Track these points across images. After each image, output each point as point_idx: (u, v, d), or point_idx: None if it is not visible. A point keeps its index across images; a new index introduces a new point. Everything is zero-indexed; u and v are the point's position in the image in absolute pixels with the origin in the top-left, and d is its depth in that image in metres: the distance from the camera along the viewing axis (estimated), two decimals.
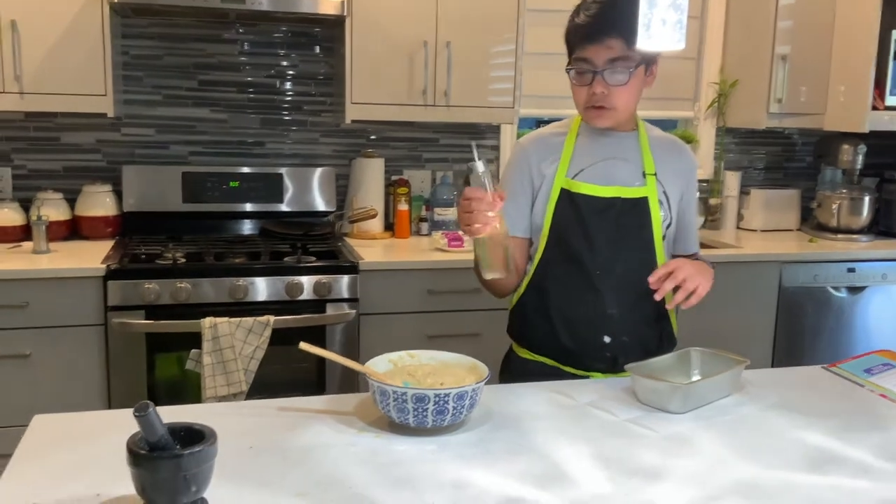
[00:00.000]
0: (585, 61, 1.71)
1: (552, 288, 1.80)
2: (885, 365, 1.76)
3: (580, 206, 1.76)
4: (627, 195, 1.77)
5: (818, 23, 3.61)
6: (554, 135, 1.86)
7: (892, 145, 4.15)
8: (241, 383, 2.68)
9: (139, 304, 2.68)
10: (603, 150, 1.81)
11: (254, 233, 3.35)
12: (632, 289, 1.75)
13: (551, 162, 1.81)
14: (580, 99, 1.76)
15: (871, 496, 1.21)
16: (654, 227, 1.78)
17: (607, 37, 1.67)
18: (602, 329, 1.78)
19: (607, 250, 1.76)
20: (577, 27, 1.73)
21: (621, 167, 1.79)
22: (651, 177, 1.79)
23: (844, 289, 3.50)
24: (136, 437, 1.07)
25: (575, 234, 1.77)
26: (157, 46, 3.24)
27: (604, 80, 1.70)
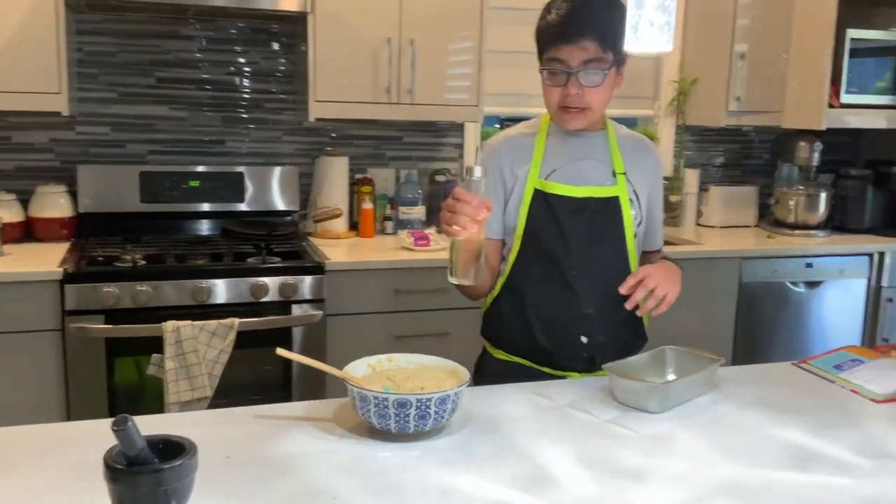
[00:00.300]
0: (559, 62, 1.70)
1: (528, 289, 1.80)
2: (854, 361, 1.79)
3: (554, 206, 1.76)
4: (600, 195, 1.78)
5: (775, 21, 3.67)
6: (523, 135, 1.85)
7: (847, 142, 4.24)
8: (205, 388, 2.62)
9: (98, 309, 2.60)
10: (574, 151, 1.81)
11: (214, 233, 3.28)
12: (607, 288, 1.75)
13: (523, 163, 1.81)
14: (553, 100, 1.75)
15: (854, 494, 1.23)
16: (626, 225, 1.80)
17: (582, 38, 1.66)
18: (579, 329, 1.78)
19: (582, 250, 1.76)
20: (550, 26, 1.71)
21: (592, 167, 1.80)
22: (621, 176, 1.80)
23: (802, 283, 3.56)
24: (112, 452, 1.03)
25: (550, 235, 1.77)
26: (112, 43, 3.16)
27: (578, 82, 1.69)
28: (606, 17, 1.66)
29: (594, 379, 1.71)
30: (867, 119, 3.65)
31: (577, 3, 1.69)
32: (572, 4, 1.69)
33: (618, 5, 1.70)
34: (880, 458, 1.36)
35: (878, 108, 3.69)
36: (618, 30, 1.64)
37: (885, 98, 3.72)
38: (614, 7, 1.69)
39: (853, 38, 3.58)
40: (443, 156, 3.61)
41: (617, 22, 1.66)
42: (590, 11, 1.66)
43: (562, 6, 1.70)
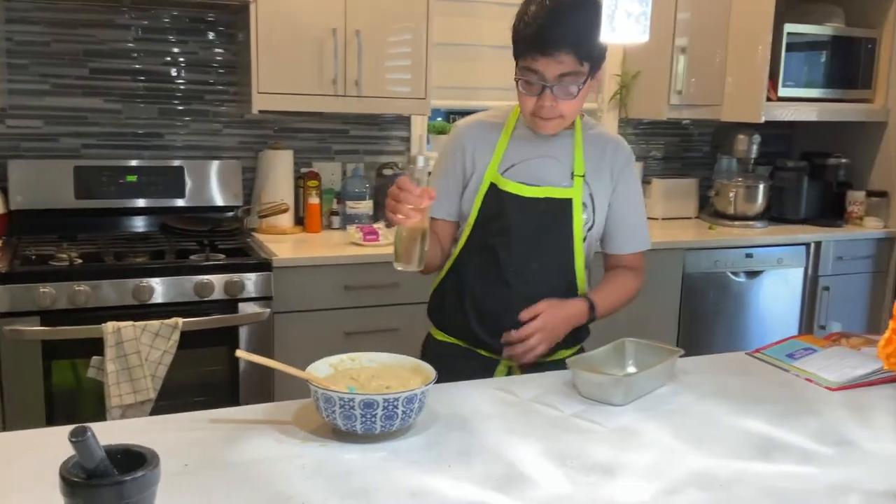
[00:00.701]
0: (535, 73, 1.67)
1: (468, 277, 1.82)
2: (806, 349, 1.82)
3: (504, 202, 1.77)
4: (552, 195, 1.78)
5: (715, 15, 3.73)
6: (492, 125, 1.85)
7: (783, 134, 4.35)
8: (148, 390, 2.53)
9: (33, 310, 2.49)
10: (536, 148, 1.80)
11: (153, 230, 3.17)
12: (543, 287, 1.77)
13: (485, 153, 1.81)
14: (527, 107, 1.72)
15: (821, 481, 1.24)
16: (575, 228, 1.79)
17: (559, 51, 1.62)
18: (511, 323, 1.77)
19: (523, 248, 1.77)
20: (528, 37, 1.66)
21: (551, 166, 1.80)
22: (579, 178, 1.79)
23: (743, 273, 3.63)
24: (69, 464, 0.97)
25: (495, 229, 1.78)
26: (43, 32, 3.02)
27: (553, 94, 1.67)
28: (584, 28, 1.61)
29: (557, 373, 1.70)
30: (804, 112, 3.75)
31: (554, 13, 1.63)
32: (550, 14, 1.63)
33: (595, 12, 1.66)
34: (841, 445, 1.38)
35: (814, 101, 3.79)
36: (595, 40, 1.62)
37: (820, 91, 3.82)
38: (592, 16, 1.63)
39: (790, 33, 3.66)
40: (390, 149, 3.57)
41: (595, 32, 1.64)
42: (568, 23, 1.62)
43: (539, 14, 1.64)
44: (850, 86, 3.88)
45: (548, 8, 1.64)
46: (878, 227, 3.85)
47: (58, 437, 1.29)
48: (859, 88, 3.90)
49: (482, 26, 3.65)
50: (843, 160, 3.98)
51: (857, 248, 3.81)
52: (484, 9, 3.66)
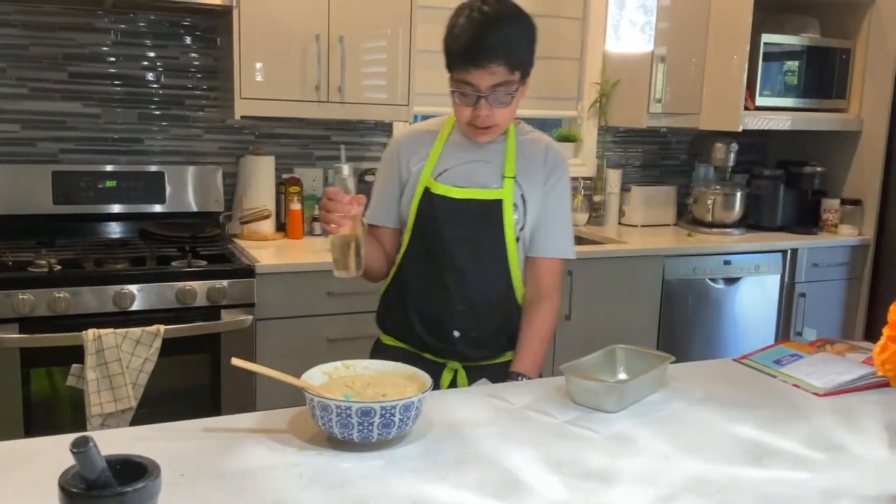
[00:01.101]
0: (469, 84, 1.70)
1: (411, 281, 1.87)
2: (792, 356, 1.84)
3: (437, 205, 1.81)
4: (483, 197, 1.81)
5: (693, 25, 3.77)
6: (427, 132, 1.89)
7: (760, 143, 4.41)
8: (129, 398, 2.50)
9: (12, 317, 2.45)
10: (468, 153, 1.84)
11: (133, 236, 3.14)
12: (482, 287, 1.82)
13: (419, 160, 1.85)
14: (463, 117, 1.76)
15: (813, 487, 1.25)
16: (507, 229, 1.82)
17: (490, 63, 1.66)
18: (452, 324, 1.83)
19: (458, 250, 1.81)
20: (459, 50, 1.69)
21: (482, 169, 1.83)
22: (509, 180, 1.82)
23: (721, 280, 3.67)
24: (68, 474, 0.95)
25: (431, 233, 1.83)
26: (22, 35, 2.97)
27: (488, 104, 1.71)
28: (514, 38, 1.68)
29: (549, 379, 1.71)
30: (780, 121, 3.80)
31: (483, 25, 1.67)
32: (479, 27, 1.67)
33: (523, 22, 1.72)
34: (832, 450, 1.39)
35: (790, 111, 3.85)
36: (525, 49, 1.71)
37: (796, 101, 3.88)
38: (521, 26, 1.71)
39: (766, 43, 3.72)
40: (371, 155, 3.56)
41: (524, 41, 1.72)
42: (497, 34, 1.65)
43: (468, 27, 1.68)
44: (825, 95, 3.95)
45: (476, 21, 1.67)
46: (853, 234, 3.91)
47: (49, 447, 1.28)
48: (834, 98, 3.96)
49: None
50: (818, 169, 4.04)
51: (832, 256, 3.86)
52: None
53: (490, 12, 1.67)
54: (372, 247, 1.84)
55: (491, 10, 1.68)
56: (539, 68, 4.04)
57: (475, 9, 1.68)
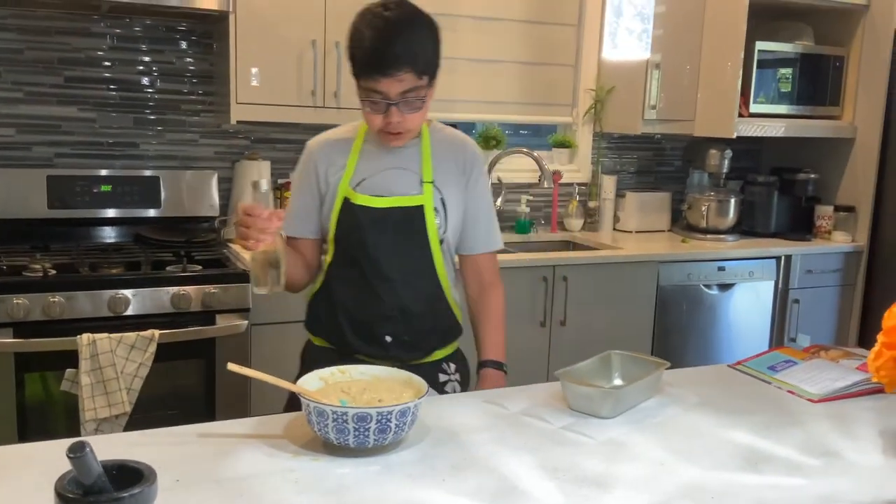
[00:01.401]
0: (378, 93, 1.68)
1: (339, 289, 1.86)
2: (787, 362, 1.85)
3: (358, 216, 1.80)
4: (403, 204, 1.81)
5: (688, 32, 3.79)
6: (342, 141, 1.87)
7: (753, 150, 4.42)
8: (123, 403, 2.49)
9: (6, 322, 2.44)
10: (385, 160, 1.84)
11: (128, 240, 3.13)
12: (410, 292, 1.82)
13: (337, 170, 1.84)
14: (375, 125, 1.75)
15: (809, 493, 1.26)
16: (430, 234, 1.82)
17: (398, 71, 1.66)
18: (383, 330, 1.82)
19: (384, 258, 1.81)
20: (365, 59, 1.68)
21: (401, 177, 1.83)
22: (428, 185, 1.83)
23: (715, 286, 3.68)
24: (64, 480, 0.95)
25: (355, 243, 1.82)
26: (17, 39, 2.97)
27: (399, 111, 1.71)
28: (419, 44, 1.68)
29: (544, 385, 1.71)
30: (774, 128, 3.81)
31: (387, 34, 1.66)
32: (383, 35, 1.66)
33: (427, 25, 1.72)
34: (826, 456, 1.40)
35: (784, 118, 3.87)
36: (431, 53, 1.71)
37: (790, 108, 3.90)
38: (425, 29, 1.71)
39: (761, 50, 3.73)
40: None
41: (430, 45, 1.72)
42: (402, 42, 1.65)
43: (372, 35, 1.66)
44: (819, 102, 3.96)
45: (380, 29, 1.66)
46: (847, 241, 3.93)
47: (43, 452, 1.27)
48: (827, 105, 3.98)
49: (460, 40, 3.68)
50: (811, 175, 4.05)
51: (825, 262, 3.88)
52: (462, 23, 3.68)
53: (392, 18, 1.66)
54: (292, 258, 1.83)
55: (393, 15, 1.67)
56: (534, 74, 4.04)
57: (377, 15, 1.67)
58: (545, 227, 4.00)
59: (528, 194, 3.90)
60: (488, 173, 1.88)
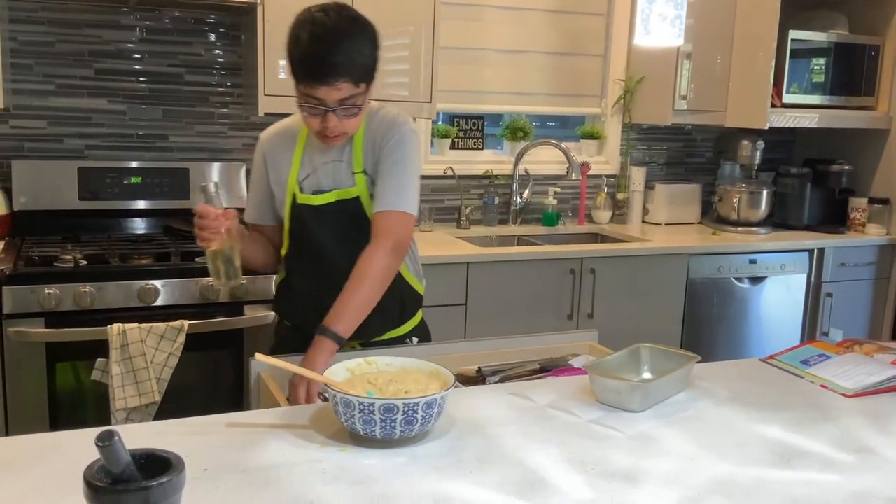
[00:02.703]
0: (316, 98, 1.69)
1: (299, 280, 1.93)
2: (820, 356, 1.82)
3: (304, 213, 1.86)
4: (341, 197, 1.85)
5: (719, 21, 3.73)
6: (289, 133, 1.91)
7: (786, 141, 4.36)
8: (153, 393, 2.51)
9: (38, 312, 2.47)
10: (324, 154, 1.86)
11: (157, 231, 3.16)
12: None
13: (285, 164, 1.89)
14: (313, 127, 1.76)
15: (842, 489, 1.23)
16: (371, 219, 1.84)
17: (336, 80, 1.66)
18: None
19: (335, 251, 1.85)
20: (304, 67, 1.67)
21: (337, 170, 1.86)
22: (360, 175, 1.84)
23: (746, 279, 3.63)
24: (93, 468, 0.96)
25: (306, 238, 1.88)
26: (48, 32, 3.00)
27: (336, 116, 1.71)
28: (357, 52, 1.67)
29: (572, 378, 1.69)
30: (807, 118, 3.75)
31: (326, 42, 1.65)
32: (322, 44, 1.65)
33: (366, 32, 1.71)
34: (861, 452, 1.37)
35: (817, 108, 3.80)
36: (369, 60, 1.71)
37: (824, 98, 3.83)
38: (364, 37, 1.70)
39: (794, 39, 3.67)
40: None
41: (368, 52, 1.71)
42: (341, 51, 1.64)
43: (312, 43, 1.65)
44: (854, 93, 3.89)
45: (319, 36, 1.65)
46: (881, 233, 3.85)
47: (73, 440, 1.28)
48: (862, 95, 3.91)
49: (488, 30, 3.65)
50: (845, 167, 3.98)
51: (859, 255, 3.81)
52: (490, 13, 3.65)
53: (331, 26, 1.65)
54: (256, 243, 1.93)
55: (332, 22, 1.66)
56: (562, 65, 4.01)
57: (317, 22, 1.66)
58: (573, 219, 3.97)
59: (556, 186, 3.88)
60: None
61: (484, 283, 3.10)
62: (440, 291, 3.01)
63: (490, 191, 3.75)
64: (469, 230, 3.66)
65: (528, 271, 3.18)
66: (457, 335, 3.06)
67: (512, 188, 3.78)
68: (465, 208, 3.69)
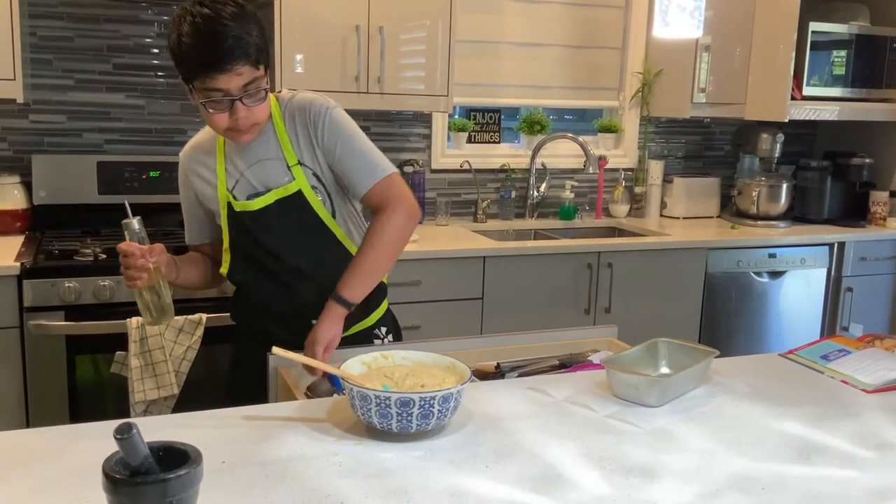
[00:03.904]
0: (218, 90, 1.61)
1: (251, 290, 1.85)
2: (840, 351, 1.80)
3: (244, 220, 1.78)
4: (280, 196, 1.76)
5: (739, 14, 3.70)
6: (206, 145, 1.84)
7: (806, 134, 4.32)
8: (171, 386, 2.53)
9: (58, 305, 2.50)
10: (248, 155, 1.78)
11: (176, 226, 3.17)
12: (323, 273, 1.77)
13: (210, 177, 1.82)
14: (221, 125, 1.67)
15: (862, 486, 1.22)
16: (320, 213, 1.78)
17: (235, 65, 1.59)
18: (307, 315, 1.74)
19: (284, 252, 1.78)
20: (197, 58, 1.60)
21: (268, 168, 1.77)
22: (296, 167, 1.76)
23: (766, 273, 3.61)
24: (112, 461, 0.96)
25: (251, 246, 1.80)
26: (67, 27, 3.02)
27: (244, 106, 1.64)
28: (246, 34, 1.60)
29: (589, 373, 1.69)
30: (828, 111, 3.71)
31: (212, 29, 1.58)
32: (208, 31, 1.58)
33: (247, 14, 1.63)
34: (881, 448, 1.36)
35: (838, 101, 3.76)
36: (260, 40, 1.64)
37: (845, 90, 3.79)
38: (246, 19, 1.62)
39: (814, 31, 3.63)
40: (410, 146, 3.56)
41: (256, 33, 1.64)
42: (230, 35, 1.58)
43: (197, 34, 1.58)
44: (875, 85, 3.85)
45: (202, 26, 1.58)
46: None
47: (93, 433, 1.30)
48: (884, 88, 3.86)
49: (505, 23, 3.64)
50: (866, 160, 3.94)
51: (880, 249, 3.77)
52: (507, 6, 3.64)
53: (212, 14, 1.58)
54: (192, 265, 1.89)
55: (212, 10, 1.59)
56: (579, 57, 3.99)
57: (195, 14, 1.59)
58: (590, 213, 3.96)
59: (573, 180, 3.86)
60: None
61: (501, 278, 3.10)
62: (457, 286, 3.01)
63: (507, 185, 3.75)
64: (486, 224, 3.66)
65: (545, 265, 3.18)
66: (473, 330, 3.06)
67: (529, 182, 3.77)
68: (481, 202, 3.68)
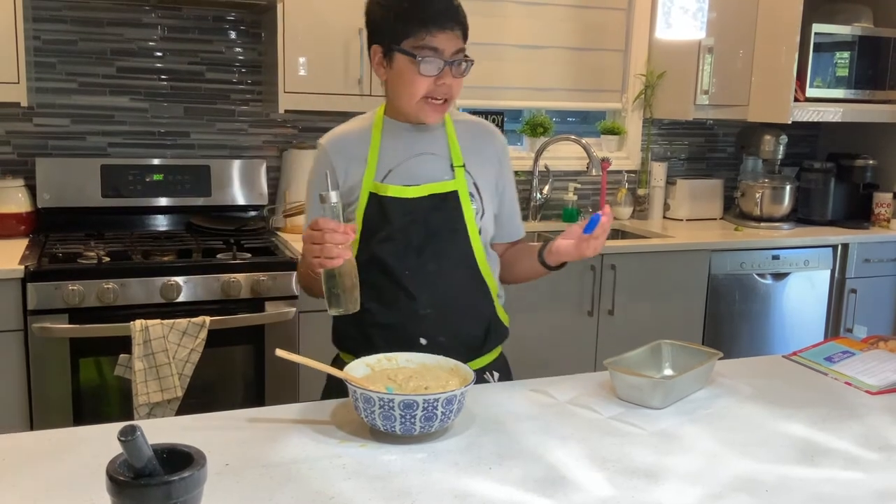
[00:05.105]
0: (433, 50, 1.56)
1: (365, 294, 1.61)
2: (844, 353, 1.80)
3: (388, 209, 1.66)
4: (437, 191, 1.68)
5: (742, 15, 3.70)
6: (357, 135, 1.72)
7: (809, 135, 4.31)
8: (175, 388, 2.53)
9: (62, 308, 2.49)
10: (410, 147, 1.70)
11: (179, 228, 3.18)
12: (447, 287, 1.68)
13: (358, 165, 1.69)
14: (420, 90, 1.60)
15: (867, 488, 1.22)
16: (467, 220, 1.69)
17: (455, 25, 1.58)
18: (417, 331, 1.66)
19: (416, 251, 1.67)
20: (422, 12, 1.57)
21: (430, 162, 1.70)
22: (460, 169, 1.70)
23: (769, 275, 3.60)
24: (116, 463, 0.96)
25: (382, 238, 1.67)
26: (71, 31, 3.03)
27: (451, 73, 1.60)
28: (460, 5, 1.61)
29: (592, 374, 1.69)
30: (831, 112, 3.71)
31: None
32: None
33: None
34: (886, 450, 1.36)
35: (841, 102, 3.75)
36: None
37: (848, 92, 3.78)
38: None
39: (817, 33, 3.63)
40: None
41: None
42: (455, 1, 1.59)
43: None
44: (878, 86, 3.84)
45: None
46: None
47: (97, 435, 1.30)
48: (887, 89, 3.85)
49: (507, 26, 3.64)
50: (869, 162, 3.93)
51: (884, 251, 3.76)
52: (509, 8, 3.64)
53: None
54: None
55: None
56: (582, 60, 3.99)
57: None
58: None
59: (576, 182, 3.86)
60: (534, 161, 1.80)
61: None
62: None
63: None
64: None
65: None
66: None
67: (532, 184, 3.77)
68: None
